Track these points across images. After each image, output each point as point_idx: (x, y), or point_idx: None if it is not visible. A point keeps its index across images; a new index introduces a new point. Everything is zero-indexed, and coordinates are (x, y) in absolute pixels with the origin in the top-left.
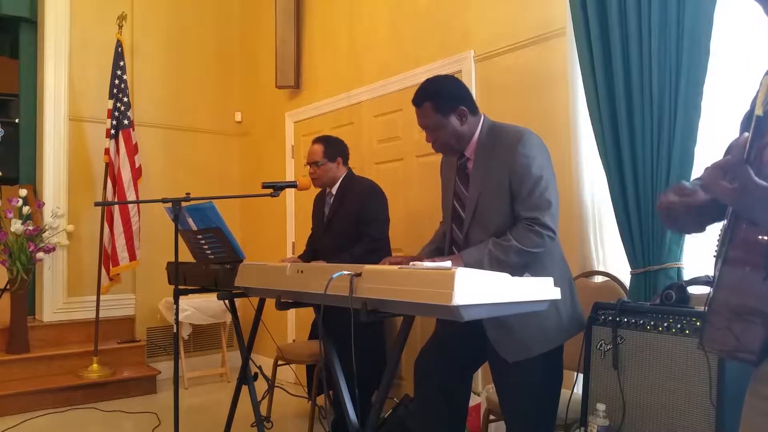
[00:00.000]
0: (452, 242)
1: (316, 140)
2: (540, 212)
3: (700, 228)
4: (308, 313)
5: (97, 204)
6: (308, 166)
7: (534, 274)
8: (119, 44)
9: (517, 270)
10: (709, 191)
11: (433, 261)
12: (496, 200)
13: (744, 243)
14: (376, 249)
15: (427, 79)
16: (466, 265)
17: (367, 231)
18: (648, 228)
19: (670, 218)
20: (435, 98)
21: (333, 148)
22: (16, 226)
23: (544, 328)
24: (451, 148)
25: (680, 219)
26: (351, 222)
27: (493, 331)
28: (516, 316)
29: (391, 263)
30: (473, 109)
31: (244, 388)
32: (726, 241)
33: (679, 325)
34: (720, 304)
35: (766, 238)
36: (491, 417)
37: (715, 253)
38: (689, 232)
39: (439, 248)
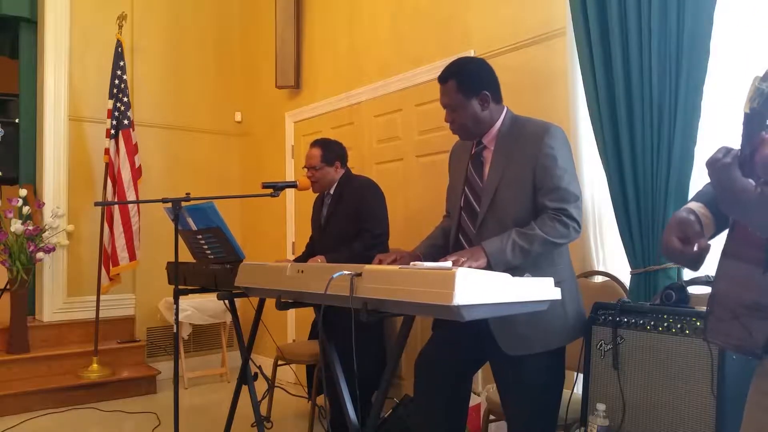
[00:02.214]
0: (461, 233)
1: (315, 144)
2: (567, 203)
3: (697, 268)
4: (308, 313)
5: (97, 204)
6: (306, 170)
7: (544, 273)
8: (119, 44)
9: (518, 269)
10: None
11: (446, 259)
12: (517, 192)
13: (743, 236)
14: (376, 245)
15: (458, 58)
16: (489, 254)
17: (366, 227)
18: (648, 228)
19: (673, 259)
20: (459, 78)
21: (331, 152)
22: (16, 226)
23: (550, 326)
24: (467, 131)
25: (682, 262)
26: (349, 220)
27: (496, 322)
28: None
29: (381, 261)
30: (497, 97)
31: (244, 388)
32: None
33: (679, 325)
34: (722, 296)
35: None
36: (491, 417)
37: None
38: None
39: (436, 245)
